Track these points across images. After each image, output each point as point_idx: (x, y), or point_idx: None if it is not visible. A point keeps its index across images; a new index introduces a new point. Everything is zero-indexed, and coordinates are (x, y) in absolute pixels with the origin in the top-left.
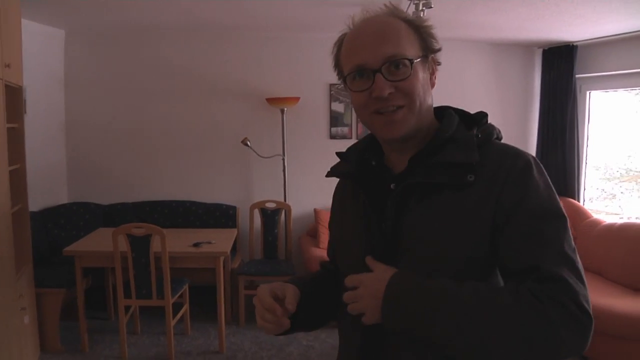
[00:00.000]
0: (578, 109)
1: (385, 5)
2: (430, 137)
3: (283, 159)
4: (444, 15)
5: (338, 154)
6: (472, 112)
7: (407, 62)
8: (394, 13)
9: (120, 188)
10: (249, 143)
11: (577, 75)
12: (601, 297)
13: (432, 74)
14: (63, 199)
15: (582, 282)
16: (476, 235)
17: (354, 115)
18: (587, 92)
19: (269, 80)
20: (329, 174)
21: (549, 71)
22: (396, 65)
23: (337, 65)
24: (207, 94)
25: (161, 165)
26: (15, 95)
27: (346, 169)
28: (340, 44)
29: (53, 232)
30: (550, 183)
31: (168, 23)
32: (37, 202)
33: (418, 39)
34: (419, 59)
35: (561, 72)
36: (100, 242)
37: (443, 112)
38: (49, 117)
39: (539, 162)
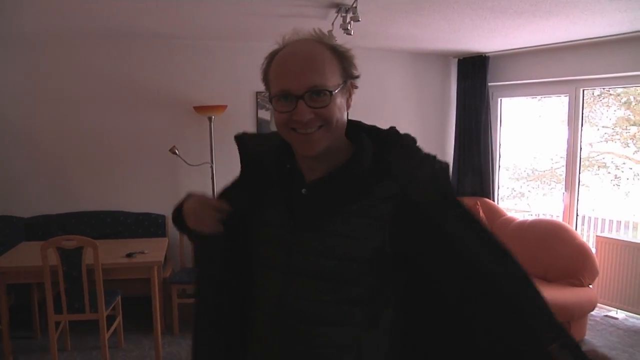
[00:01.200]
0: (491, 115)
1: (314, 29)
2: (344, 154)
3: (212, 167)
4: (370, 28)
5: (249, 154)
6: (393, 116)
7: (327, 92)
8: (321, 40)
9: (42, 199)
10: (177, 151)
11: (489, 84)
12: None
13: (349, 97)
14: None
15: None
16: None
17: None
18: (499, 99)
19: (196, 88)
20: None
21: (464, 79)
22: (317, 93)
23: (265, 80)
24: (134, 101)
25: (86, 175)
26: None
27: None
28: (270, 60)
29: None
30: None
31: (93, 29)
32: None
33: (339, 67)
34: (338, 89)
35: (475, 80)
36: (25, 256)
37: (357, 134)
38: None
39: None
